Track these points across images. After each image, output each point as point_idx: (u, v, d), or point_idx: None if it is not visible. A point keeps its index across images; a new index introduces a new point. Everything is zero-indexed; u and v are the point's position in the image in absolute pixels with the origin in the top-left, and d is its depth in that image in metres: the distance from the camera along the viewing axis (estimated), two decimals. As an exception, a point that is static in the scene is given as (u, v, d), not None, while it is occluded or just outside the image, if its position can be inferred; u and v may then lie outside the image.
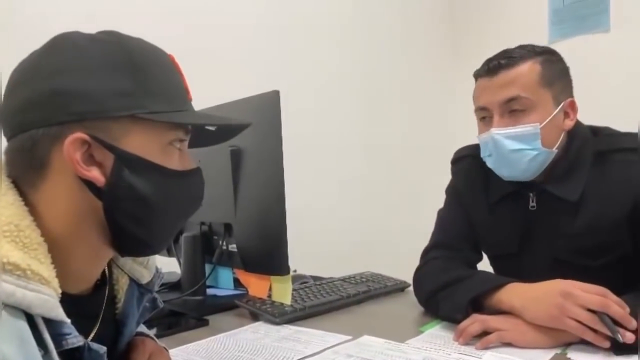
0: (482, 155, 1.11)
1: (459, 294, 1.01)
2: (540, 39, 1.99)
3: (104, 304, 0.66)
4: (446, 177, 1.29)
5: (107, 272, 0.68)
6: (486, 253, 1.23)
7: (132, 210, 0.59)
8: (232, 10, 1.88)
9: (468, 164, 1.22)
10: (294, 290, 1.15)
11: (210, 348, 0.94)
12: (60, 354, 0.53)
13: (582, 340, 0.86)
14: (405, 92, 2.52)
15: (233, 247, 1.16)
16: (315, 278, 1.42)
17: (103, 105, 0.56)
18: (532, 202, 1.10)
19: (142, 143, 0.58)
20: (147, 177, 0.58)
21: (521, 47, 1.07)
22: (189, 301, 1.21)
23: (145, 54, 0.60)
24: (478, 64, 1.09)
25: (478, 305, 0.99)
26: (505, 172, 1.07)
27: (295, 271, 1.37)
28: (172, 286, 1.28)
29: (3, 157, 0.59)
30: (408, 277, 1.25)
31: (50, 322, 0.52)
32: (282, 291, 1.05)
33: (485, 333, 0.92)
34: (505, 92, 1.02)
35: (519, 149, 1.02)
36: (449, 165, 1.29)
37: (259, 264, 1.10)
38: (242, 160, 1.09)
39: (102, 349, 0.59)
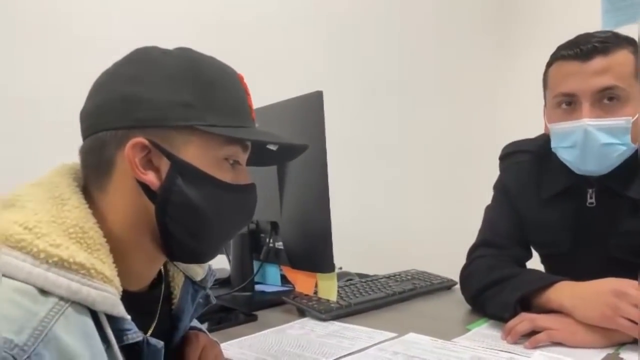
0: (555, 145, 1.04)
1: (507, 293, 1.00)
2: (593, 28, 1.92)
3: (161, 301, 0.70)
4: (493, 173, 1.27)
5: (163, 270, 0.72)
6: (537, 251, 1.20)
7: (181, 216, 0.61)
8: (272, 11, 1.90)
9: (518, 159, 1.19)
10: (339, 287, 1.17)
11: (259, 342, 0.97)
12: (121, 348, 0.56)
13: (635, 340, 0.83)
14: (450, 87, 2.48)
15: (279, 245, 1.19)
16: (360, 275, 1.43)
17: (165, 114, 0.59)
18: (591, 198, 1.06)
19: (198, 154, 0.61)
20: (198, 186, 0.61)
21: (604, 31, 0.98)
22: (238, 297, 1.24)
23: (212, 70, 0.63)
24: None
25: (526, 304, 0.97)
26: (586, 166, 1.00)
27: (340, 268, 1.39)
28: (222, 282, 1.33)
29: (78, 156, 0.63)
30: (455, 275, 1.24)
31: (112, 319, 0.56)
32: (328, 288, 1.07)
33: (534, 332, 0.90)
34: (601, 80, 0.95)
35: (610, 143, 0.96)
36: (497, 161, 1.27)
37: (304, 261, 1.12)
38: (288, 159, 1.11)
39: (160, 343, 0.62)
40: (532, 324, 0.91)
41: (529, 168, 1.15)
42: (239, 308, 1.17)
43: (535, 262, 1.20)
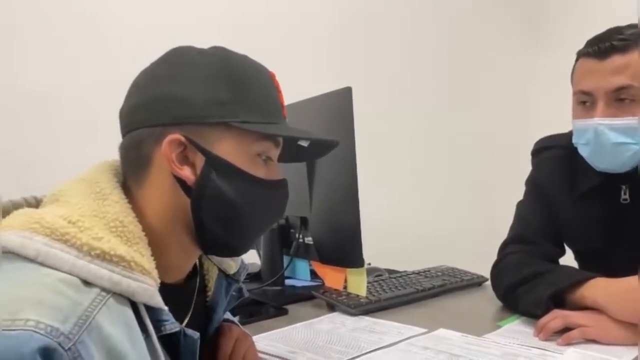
0: (575, 141, 1.04)
1: (539, 289, 0.99)
2: (629, 21, 1.87)
3: (196, 293, 0.72)
4: (525, 168, 1.25)
5: (198, 263, 0.74)
6: (570, 247, 1.18)
7: (215, 210, 0.63)
8: (301, 10, 1.91)
9: (551, 154, 1.17)
10: (369, 282, 1.17)
11: (289, 336, 0.98)
12: (158, 338, 0.58)
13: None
14: (481, 83, 2.45)
15: (309, 240, 1.20)
16: (389, 271, 1.44)
17: (200, 111, 0.61)
18: (625, 194, 1.04)
19: (232, 150, 0.63)
20: (231, 181, 0.63)
21: (634, 27, 0.97)
22: (268, 291, 1.26)
23: (245, 69, 0.65)
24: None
25: (559, 300, 0.96)
26: (601, 164, 1.01)
27: (369, 264, 1.39)
28: (253, 277, 1.35)
29: (118, 152, 0.65)
30: (485, 271, 1.23)
31: (150, 309, 0.58)
32: (358, 283, 1.07)
33: (566, 329, 0.89)
34: (616, 79, 0.94)
35: (622, 143, 0.96)
36: (528, 157, 1.25)
37: (334, 257, 1.13)
38: (317, 155, 1.12)
39: (196, 334, 0.64)
40: (565, 321, 0.90)
41: (561, 163, 1.13)
42: (270, 302, 1.18)
43: (567, 259, 1.18)
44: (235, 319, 0.90)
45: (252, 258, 1.41)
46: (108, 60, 1.49)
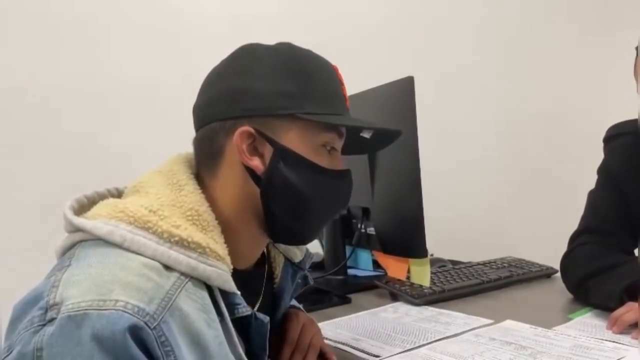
0: None
1: (612, 281, 0.95)
2: None
3: (265, 280, 0.75)
4: (597, 156, 1.20)
5: (265, 251, 0.77)
6: None
7: (283, 198, 0.66)
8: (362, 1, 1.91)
9: (626, 141, 1.12)
10: (432, 273, 1.17)
11: (354, 324, 1.00)
12: (231, 321, 0.61)
13: None
14: (551, 66, 2.35)
15: (371, 230, 1.21)
16: (453, 262, 1.42)
17: (268, 104, 0.64)
18: None
19: (298, 140, 0.65)
20: (298, 170, 0.65)
21: None
22: (331, 280, 1.28)
23: (310, 62, 0.68)
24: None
25: (633, 293, 0.92)
26: None
27: (432, 255, 1.38)
28: (316, 266, 1.37)
29: (192, 145, 0.69)
30: (555, 263, 1.19)
31: (224, 293, 0.61)
32: (421, 273, 1.07)
33: (642, 322, 0.85)
34: None
35: None
36: (600, 144, 1.20)
37: (396, 247, 1.13)
38: (379, 146, 1.12)
39: (266, 318, 0.67)
40: (641, 314, 0.86)
41: (634, 150, 1.08)
42: (333, 290, 1.20)
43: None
44: (301, 306, 0.92)
45: (315, 248, 1.44)
46: (181, 59, 1.55)
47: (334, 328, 0.97)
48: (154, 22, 1.54)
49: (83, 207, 0.63)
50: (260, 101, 0.64)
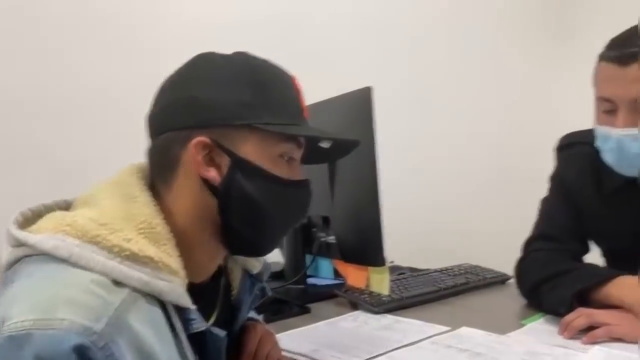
0: (598, 145, 1.02)
1: (564, 287, 0.98)
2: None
3: (221, 293, 0.73)
4: (548, 164, 1.24)
5: (222, 263, 0.75)
6: (598, 246, 1.16)
7: (240, 210, 0.65)
8: (322, 9, 1.92)
9: (577, 151, 1.15)
10: (391, 281, 1.17)
11: (313, 334, 0.99)
12: (186, 337, 0.60)
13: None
14: (508, 77, 2.42)
15: (331, 239, 1.21)
16: (411, 270, 1.44)
17: (225, 114, 0.63)
18: None
19: (256, 151, 0.64)
20: (256, 181, 0.64)
21: None
22: (291, 290, 1.27)
23: (267, 73, 0.67)
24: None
25: (584, 299, 0.95)
26: (627, 171, 0.99)
27: (392, 262, 1.39)
28: (276, 275, 1.36)
29: (146, 156, 0.67)
30: (509, 269, 1.22)
31: (178, 309, 0.60)
32: (380, 282, 1.08)
33: (591, 327, 0.88)
34: (638, 87, 0.91)
35: None
36: (552, 153, 1.24)
37: (356, 255, 1.13)
38: (338, 155, 1.13)
39: (223, 332, 0.65)
40: (590, 319, 0.89)
41: (587, 161, 1.11)
42: (293, 300, 1.20)
43: (592, 257, 1.17)
44: (260, 318, 0.91)
45: (275, 257, 1.43)
46: (137, 68, 1.52)
47: (293, 339, 0.96)
48: (109, 28, 1.51)
49: (28, 220, 0.61)
50: (217, 111, 0.63)
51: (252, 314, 0.90)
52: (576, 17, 2.51)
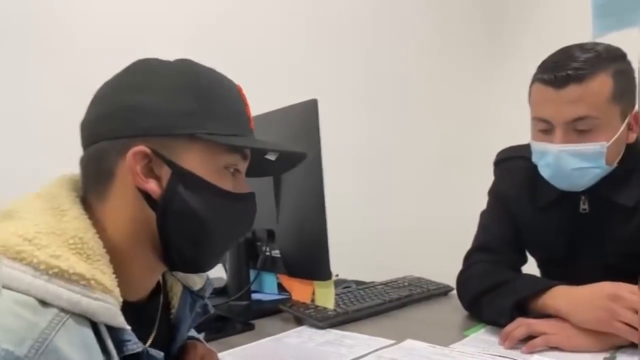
0: (534, 160, 1.05)
1: (503, 298, 1.00)
2: (584, 34, 1.94)
3: (160, 311, 0.70)
4: (488, 177, 1.27)
5: (161, 280, 0.72)
6: (533, 256, 1.21)
7: (181, 224, 0.61)
8: (266, 15, 1.91)
9: (513, 165, 1.19)
10: (336, 294, 1.17)
11: (256, 352, 0.96)
12: (121, 359, 0.56)
13: (632, 344, 0.84)
14: (439, 91, 2.49)
15: (276, 253, 1.19)
16: (357, 283, 1.44)
17: (166, 123, 0.60)
18: (584, 205, 1.05)
19: (199, 162, 0.61)
20: (198, 194, 0.61)
21: (588, 49, 0.96)
22: (234, 306, 1.24)
23: (211, 81, 0.64)
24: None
25: (523, 309, 0.98)
26: (563, 185, 1.02)
27: (337, 276, 1.39)
28: (219, 292, 1.32)
29: (79, 166, 0.63)
30: (451, 281, 1.24)
31: (112, 329, 0.55)
32: (325, 296, 1.06)
33: (530, 337, 0.91)
34: (573, 109, 0.94)
35: (583, 167, 0.97)
36: (491, 167, 1.27)
37: (301, 269, 1.12)
38: (283, 167, 1.11)
39: (160, 354, 0.62)
40: (528, 329, 0.91)
41: (523, 174, 1.15)
42: (236, 317, 1.16)
43: (530, 267, 1.21)
44: (201, 336, 0.88)
45: (218, 272, 1.38)
46: (71, 70, 1.45)
47: (236, 357, 0.93)
48: (32, 28, 1.43)
49: None
50: (158, 119, 0.59)
51: (193, 333, 0.86)
52: (515, 39, 2.63)
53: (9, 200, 0.59)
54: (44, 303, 0.50)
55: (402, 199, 2.30)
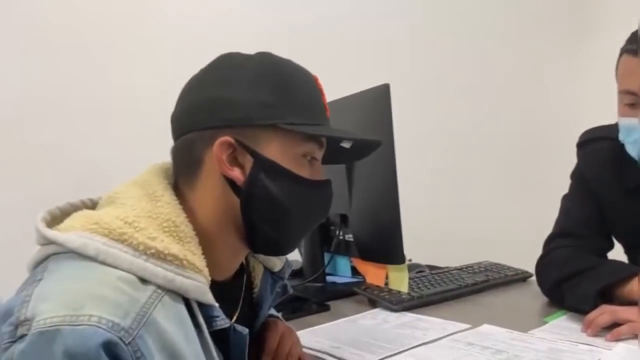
0: (621, 138, 1.01)
1: (586, 284, 0.97)
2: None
3: (243, 290, 0.74)
4: (570, 161, 1.22)
5: (244, 261, 0.76)
6: (619, 242, 1.15)
7: (263, 209, 0.65)
8: (336, 9, 1.92)
9: (598, 146, 1.14)
10: (410, 279, 1.17)
11: (332, 331, 0.99)
12: (209, 334, 0.60)
13: None
14: (522, 73, 2.39)
15: (349, 237, 1.21)
16: (431, 267, 1.43)
17: (249, 114, 0.63)
18: None
19: (279, 151, 0.65)
20: (279, 181, 0.65)
21: None
22: (310, 287, 1.28)
23: (290, 73, 0.67)
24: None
25: (607, 295, 0.94)
26: None
27: (410, 260, 1.39)
28: (295, 273, 1.36)
29: (170, 155, 0.68)
30: (530, 267, 1.21)
31: (202, 306, 0.60)
32: (399, 279, 1.07)
33: (615, 324, 0.87)
34: None
35: None
36: (574, 149, 1.22)
37: (374, 253, 1.13)
38: (356, 153, 1.12)
39: (245, 330, 0.66)
40: (613, 316, 0.88)
41: (609, 155, 1.10)
42: (312, 298, 1.20)
43: (617, 254, 1.15)
44: (279, 315, 0.92)
45: (293, 255, 1.43)
46: (158, 68, 1.54)
47: (313, 336, 0.97)
48: (129, 30, 1.53)
49: (55, 218, 0.62)
50: (241, 111, 0.63)
51: (272, 312, 0.91)
52: (599, 12, 2.47)
53: (109, 188, 0.65)
54: (143, 280, 0.55)
55: (479, 183, 2.24)
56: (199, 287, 0.59)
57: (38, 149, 1.39)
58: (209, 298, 0.60)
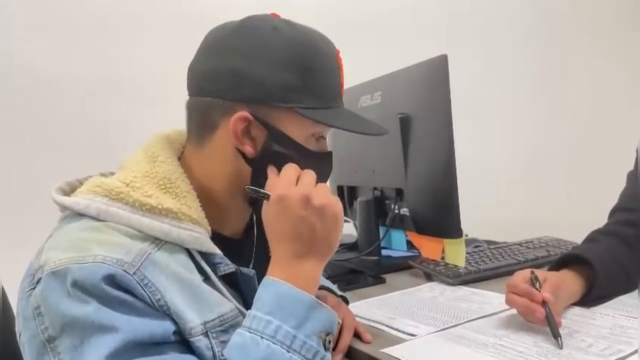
0: None
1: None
2: None
3: (255, 244, 0.78)
4: (633, 136, 1.16)
5: (255, 219, 0.80)
6: None
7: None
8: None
9: None
10: (467, 253, 1.16)
11: (389, 303, 1.01)
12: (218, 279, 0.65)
13: None
14: (591, 45, 2.26)
15: (405, 211, 1.21)
16: (488, 242, 1.41)
17: (269, 95, 0.66)
18: None
19: (291, 129, 0.68)
20: (289, 152, 0.68)
21: None
22: (365, 261, 1.29)
23: (313, 53, 0.69)
24: None
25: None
26: None
27: (467, 235, 1.37)
28: (350, 247, 1.38)
29: (185, 108, 0.72)
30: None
31: (205, 255, 0.65)
32: (456, 253, 1.07)
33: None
34: None
35: None
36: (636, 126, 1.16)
37: (431, 227, 1.13)
38: (411, 126, 1.12)
39: (252, 272, 0.70)
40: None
41: None
42: (367, 271, 1.21)
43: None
44: (334, 287, 0.94)
45: (348, 230, 1.45)
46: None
47: (369, 307, 0.98)
48: (187, 14, 1.56)
49: (75, 188, 0.68)
50: (261, 90, 0.66)
51: (328, 283, 0.92)
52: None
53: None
54: (141, 233, 0.61)
55: (538, 157, 2.17)
56: (197, 237, 0.63)
57: (107, 125, 1.47)
58: (209, 246, 0.65)
